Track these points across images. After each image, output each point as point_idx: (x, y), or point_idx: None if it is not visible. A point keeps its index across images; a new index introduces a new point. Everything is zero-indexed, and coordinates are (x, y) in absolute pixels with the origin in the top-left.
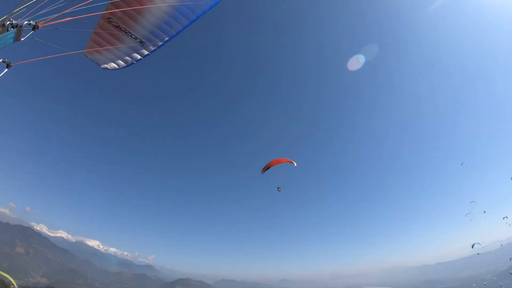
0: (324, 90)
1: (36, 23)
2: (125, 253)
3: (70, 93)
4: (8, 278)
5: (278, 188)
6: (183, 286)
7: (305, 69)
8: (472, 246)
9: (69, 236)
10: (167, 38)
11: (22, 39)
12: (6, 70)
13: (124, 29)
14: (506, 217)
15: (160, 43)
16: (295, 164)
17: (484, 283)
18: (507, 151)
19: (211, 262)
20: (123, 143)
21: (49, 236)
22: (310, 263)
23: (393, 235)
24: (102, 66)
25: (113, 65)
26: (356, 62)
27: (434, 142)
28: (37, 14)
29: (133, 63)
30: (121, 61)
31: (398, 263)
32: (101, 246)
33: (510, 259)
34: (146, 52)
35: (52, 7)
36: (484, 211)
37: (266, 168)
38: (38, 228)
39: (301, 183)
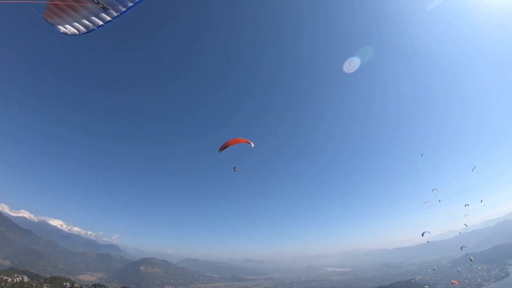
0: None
1: None
2: (89, 232)
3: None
4: None
5: (234, 168)
6: (147, 266)
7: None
8: (422, 234)
9: (32, 216)
10: (131, 4)
11: None
12: None
13: None
14: (467, 204)
15: (123, 9)
16: (252, 145)
17: (434, 267)
18: (468, 143)
19: (176, 242)
20: (84, 120)
21: (11, 216)
22: (274, 244)
23: (353, 219)
24: (61, 31)
25: (73, 30)
26: (348, 64)
27: (403, 132)
28: None
29: (94, 29)
30: (82, 26)
31: (358, 246)
32: (65, 226)
33: (461, 248)
34: (108, 18)
35: None
36: (439, 200)
37: (224, 147)
38: None
39: (266, 164)
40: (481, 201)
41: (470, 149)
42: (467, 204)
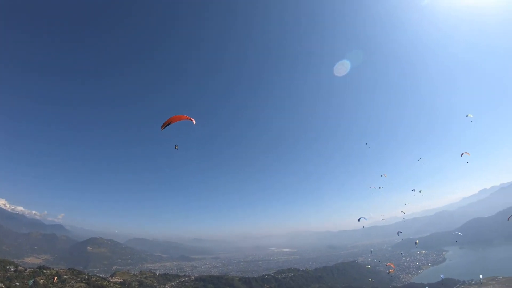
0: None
1: None
2: (34, 212)
3: None
4: None
5: (175, 146)
6: (94, 246)
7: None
8: (359, 220)
9: None
10: None
11: None
12: None
13: None
14: (414, 190)
15: None
16: (194, 122)
17: (371, 250)
18: (416, 137)
19: (123, 222)
20: (27, 95)
21: None
22: (222, 224)
23: (300, 202)
24: None
25: None
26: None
27: (354, 121)
28: None
29: None
30: None
31: (304, 228)
32: (8, 205)
33: (398, 233)
34: None
35: None
36: (380, 187)
37: (166, 124)
38: None
39: (216, 144)
40: (420, 191)
41: (418, 142)
42: (414, 190)
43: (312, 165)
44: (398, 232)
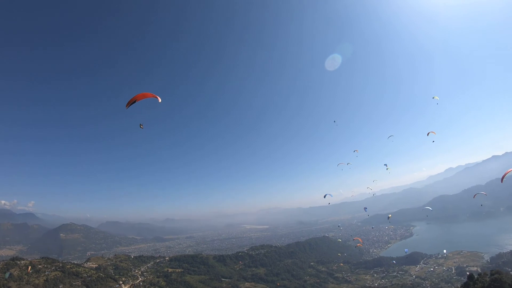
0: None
1: None
2: (3, 201)
3: None
4: None
5: (140, 125)
6: (67, 232)
7: None
8: (324, 196)
9: None
10: None
11: None
12: None
13: None
14: (386, 164)
15: None
16: (160, 100)
17: (339, 225)
18: (386, 115)
19: (95, 206)
20: None
21: None
22: (195, 203)
23: (271, 179)
24: None
25: None
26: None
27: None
28: None
29: None
30: None
31: (275, 205)
32: None
33: (364, 209)
34: None
35: None
36: (348, 163)
37: (131, 102)
38: None
39: (187, 124)
40: (387, 169)
41: (387, 121)
42: (386, 164)
43: (282, 142)
44: (364, 208)
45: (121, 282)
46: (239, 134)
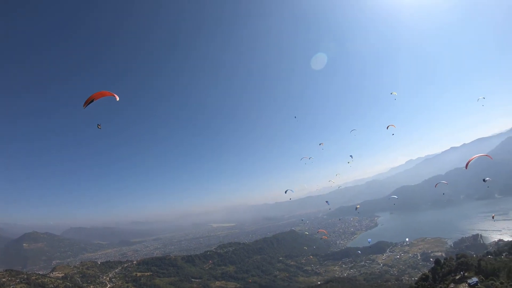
0: None
1: None
2: None
3: None
4: None
5: (98, 125)
6: (30, 242)
7: None
8: (285, 192)
9: None
10: None
11: None
12: None
13: None
14: (351, 156)
15: None
16: (117, 98)
17: (302, 219)
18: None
19: (57, 212)
20: None
21: None
22: (160, 204)
23: (235, 176)
24: None
25: None
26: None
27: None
28: None
29: None
30: None
31: (241, 202)
32: None
33: (326, 202)
34: None
35: None
36: (310, 158)
37: (89, 101)
38: None
39: (147, 124)
40: (349, 162)
41: (349, 117)
42: (351, 156)
43: (245, 138)
44: (326, 202)
45: None
46: (201, 134)
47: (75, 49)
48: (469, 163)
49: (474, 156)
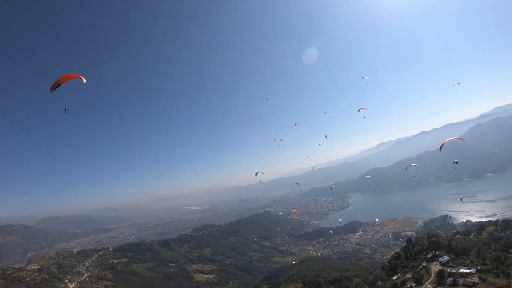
0: None
1: None
2: None
3: None
4: None
5: (65, 110)
6: (3, 235)
7: None
8: (256, 174)
9: None
10: None
11: None
12: None
13: None
14: (326, 135)
15: None
16: (84, 80)
17: (274, 200)
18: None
19: (30, 202)
20: None
21: None
22: (133, 189)
23: (209, 159)
24: None
25: None
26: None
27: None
28: None
29: None
30: None
31: (215, 184)
32: None
33: (296, 183)
34: None
35: None
36: (282, 139)
37: (56, 85)
38: None
39: (120, 109)
40: (325, 137)
41: (322, 99)
42: (326, 135)
43: (218, 120)
44: (296, 183)
45: (66, 281)
46: (174, 117)
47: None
48: (440, 147)
49: (448, 139)
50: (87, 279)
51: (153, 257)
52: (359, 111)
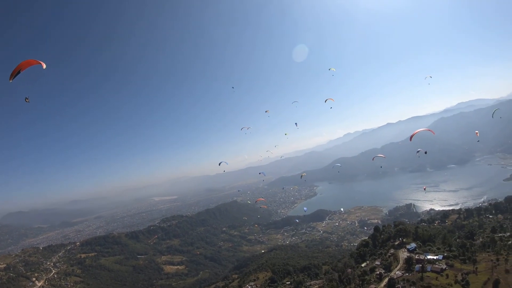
0: None
1: None
2: None
3: None
4: None
5: (25, 98)
6: None
7: None
8: (219, 164)
9: None
10: None
11: None
12: None
13: None
14: (296, 123)
15: None
16: (44, 66)
17: (238, 190)
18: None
19: None
20: None
21: None
22: (98, 180)
23: (176, 148)
24: None
25: None
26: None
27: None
28: None
29: None
30: None
31: (183, 174)
32: None
33: (259, 173)
34: None
35: None
36: (248, 128)
37: (15, 73)
38: None
39: (82, 96)
40: (295, 124)
41: (290, 89)
42: (296, 123)
43: (185, 109)
44: (259, 173)
45: (34, 279)
46: (140, 104)
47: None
48: (411, 137)
49: (418, 130)
50: (55, 275)
51: (122, 250)
52: (325, 101)
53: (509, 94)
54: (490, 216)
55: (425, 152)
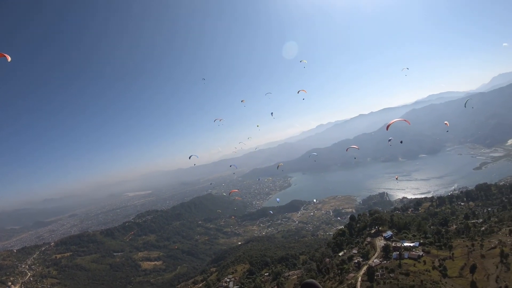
0: None
1: None
2: None
3: None
4: None
5: None
6: None
7: None
8: (189, 157)
9: None
10: None
11: None
12: None
13: None
14: (272, 112)
15: None
16: (9, 59)
17: (211, 182)
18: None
19: None
20: None
21: None
22: (70, 177)
23: (149, 142)
24: None
25: None
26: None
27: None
28: None
29: None
30: None
31: (156, 168)
32: None
33: (230, 166)
34: None
35: None
36: (220, 119)
37: None
38: None
39: (53, 96)
40: (272, 115)
41: (263, 81)
42: (272, 114)
43: (158, 101)
44: (230, 165)
45: (9, 283)
46: (109, 99)
47: None
48: (387, 126)
49: (394, 120)
50: (31, 278)
51: (97, 248)
52: (298, 92)
53: (479, 87)
54: (462, 204)
55: (401, 142)
